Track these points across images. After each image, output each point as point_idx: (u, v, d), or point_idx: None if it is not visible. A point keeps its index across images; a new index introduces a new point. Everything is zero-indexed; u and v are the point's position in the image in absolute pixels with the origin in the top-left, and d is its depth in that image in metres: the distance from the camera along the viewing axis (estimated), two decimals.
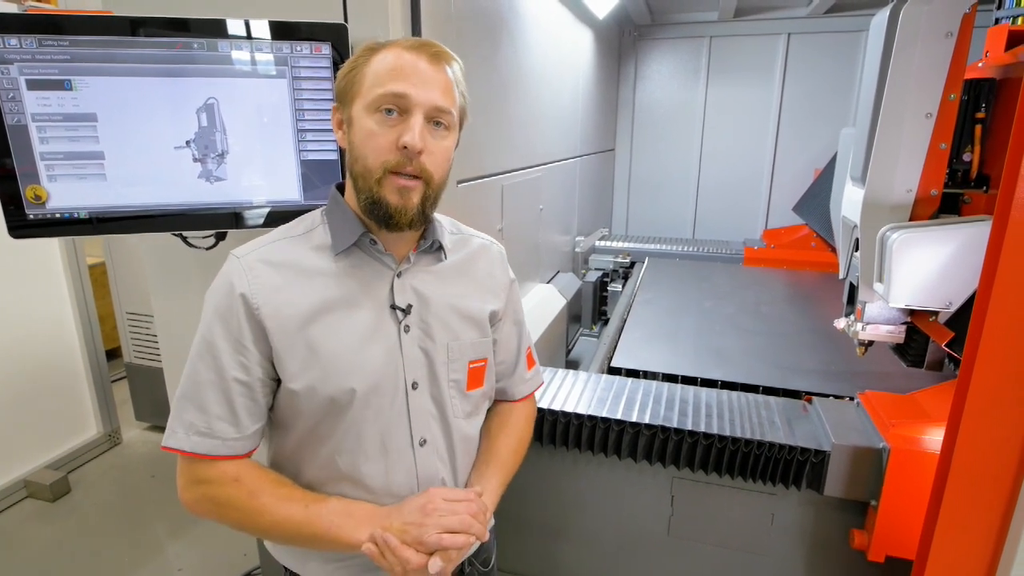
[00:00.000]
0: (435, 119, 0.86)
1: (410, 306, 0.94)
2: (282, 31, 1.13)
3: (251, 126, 1.15)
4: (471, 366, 1.00)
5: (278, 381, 0.91)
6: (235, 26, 1.10)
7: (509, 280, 1.10)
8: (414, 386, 0.94)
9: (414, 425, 0.95)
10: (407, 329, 0.94)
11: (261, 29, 1.12)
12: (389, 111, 0.84)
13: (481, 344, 1.02)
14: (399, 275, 0.94)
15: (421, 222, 0.91)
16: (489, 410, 1.11)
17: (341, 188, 0.97)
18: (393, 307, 0.93)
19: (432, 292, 0.96)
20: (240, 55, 1.11)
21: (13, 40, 0.99)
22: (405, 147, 0.83)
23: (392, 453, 0.94)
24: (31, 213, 1.07)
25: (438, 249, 0.98)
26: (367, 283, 0.92)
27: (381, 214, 0.87)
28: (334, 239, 0.91)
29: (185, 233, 1.25)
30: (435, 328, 0.96)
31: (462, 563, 1.08)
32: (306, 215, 0.96)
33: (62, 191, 1.08)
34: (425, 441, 0.96)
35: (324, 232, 0.93)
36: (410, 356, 0.94)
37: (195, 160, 1.12)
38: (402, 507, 0.90)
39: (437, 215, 0.98)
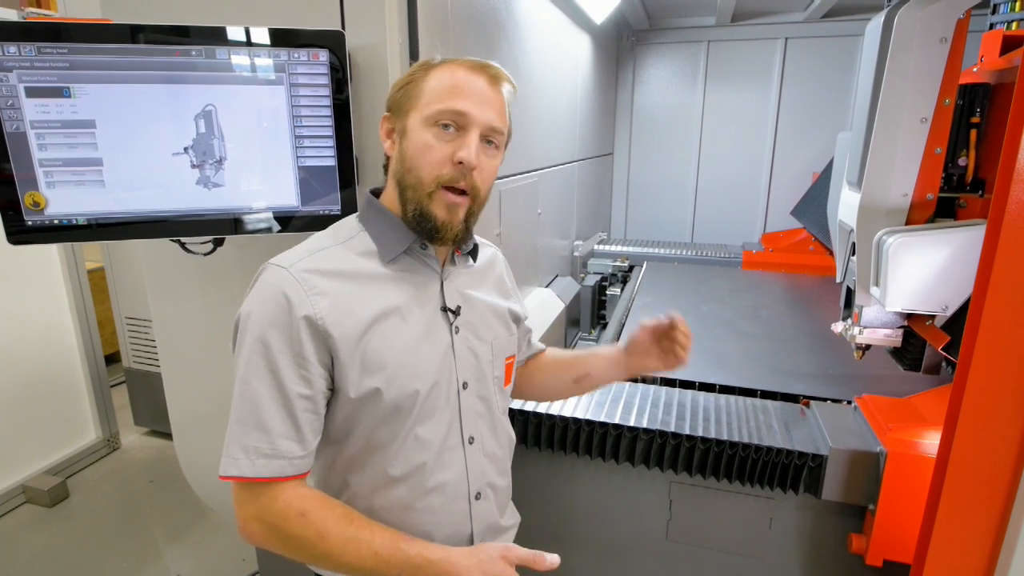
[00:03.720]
0: (488, 138, 0.89)
1: (459, 307, 0.97)
2: (279, 38, 1.13)
3: (249, 133, 1.15)
4: (506, 362, 1.06)
5: (332, 391, 0.90)
6: (233, 33, 1.11)
7: (515, 285, 1.16)
8: (464, 386, 0.97)
9: (464, 424, 0.98)
10: (457, 330, 0.97)
11: (259, 36, 1.12)
12: (446, 126, 0.86)
13: (513, 340, 1.09)
14: (445, 278, 0.97)
15: (464, 238, 0.94)
16: (533, 369, 1.23)
17: (375, 193, 0.98)
18: (444, 309, 0.96)
19: (472, 293, 1.01)
20: (238, 62, 1.12)
21: (12, 48, 1.00)
22: (461, 162, 0.85)
23: (445, 452, 0.96)
24: (29, 219, 1.08)
25: (472, 252, 1.02)
26: (418, 287, 0.94)
27: (427, 228, 0.89)
28: (381, 246, 0.92)
29: (183, 239, 1.25)
30: (480, 328, 1.00)
31: None
32: (341, 223, 0.97)
33: (60, 197, 1.08)
34: (473, 439, 0.99)
35: (366, 239, 0.94)
36: (461, 357, 0.97)
37: (193, 166, 1.12)
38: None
39: None
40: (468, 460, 0.99)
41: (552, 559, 0.90)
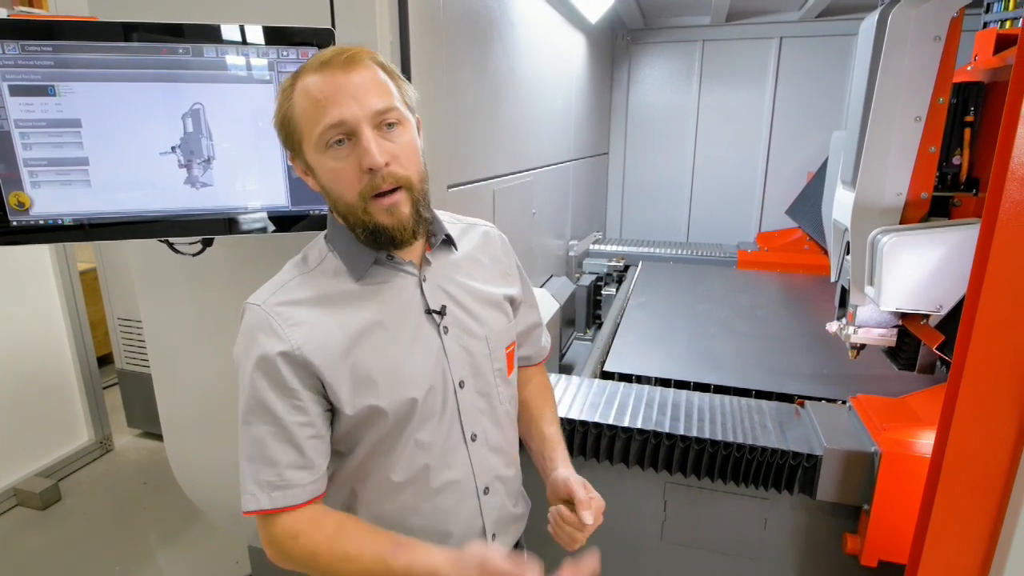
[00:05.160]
0: (384, 122, 0.83)
1: (444, 307, 0.95)
2: (268, 36, 1.12)
3: (237, 131, 1.14)
4: (506, 351, 1.04)
5: (332, 411, 0.90)
6: (221, 31, 1.09)
7: (515, 264, 1.12)
8: (461, 384, 0.96)
9: (465, 422, 0.97)
10: (446, 330, 0.95)
11: (247, 34, 1.11)
12: (339, 141, 0.82)
13: (511, 328, 1.06)
14: (424, 279, 0.95)
15: (423, 226, 0.91)
16: (521, 380, 1.16)
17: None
18: (428, 312, 0.94)
19: (457, 287, 0.98)
20: (226, 60, 1.10)
21: None
22: (370, 169, 0.82)
23: (448, 453, 0.95)
24: (14, 220, 1.06)
25: (448, 242, 1.00)
26: (397, 295, 0.93)
27: (384, 239, 0.87)
28: (350, 265, 0.91)
29: (172, 239, 1.24)
30: (470, 323, 0.98)
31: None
32: (311, 246, 0.96)
33: (46, 197, 1.06)
34: (476, 436, 0.98)
35: (335, 259, 0.93)
36: (454, 356, 0.95)
37: (181, 166, 1.11)
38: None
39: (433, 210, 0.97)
40: (472, 457, 0.98)
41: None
